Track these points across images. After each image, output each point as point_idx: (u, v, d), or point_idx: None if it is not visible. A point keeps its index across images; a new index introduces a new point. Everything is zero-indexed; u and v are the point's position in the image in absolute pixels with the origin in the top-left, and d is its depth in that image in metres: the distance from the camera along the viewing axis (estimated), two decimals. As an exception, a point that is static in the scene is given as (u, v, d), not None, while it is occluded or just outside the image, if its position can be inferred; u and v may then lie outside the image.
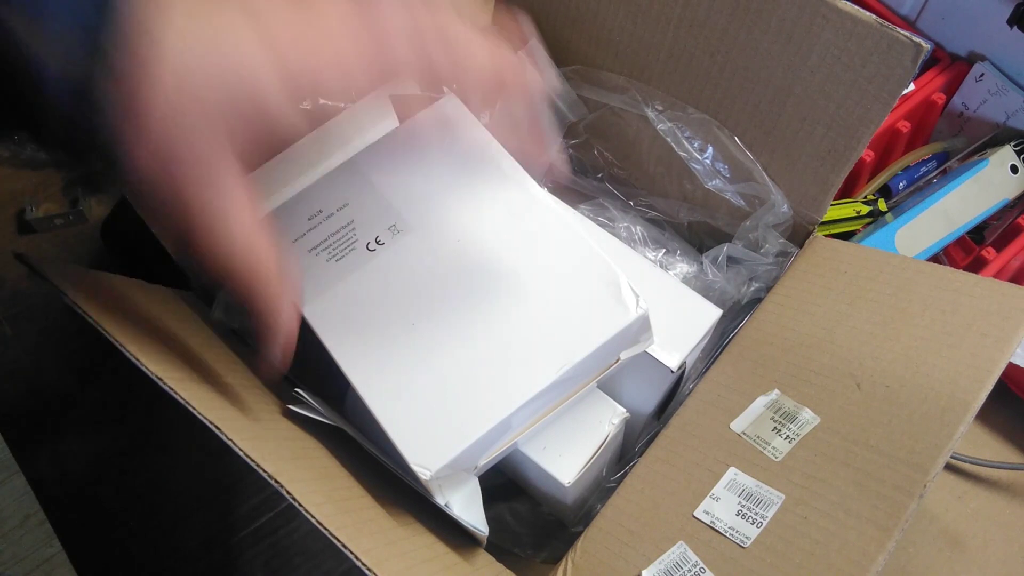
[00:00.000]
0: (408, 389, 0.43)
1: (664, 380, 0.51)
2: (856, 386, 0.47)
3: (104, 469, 0.68)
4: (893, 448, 0.44)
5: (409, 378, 0.43)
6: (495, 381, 0.43)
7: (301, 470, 0.42)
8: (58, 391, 0.71)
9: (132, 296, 0.50)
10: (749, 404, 0.50)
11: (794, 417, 0.48)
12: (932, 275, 0.50)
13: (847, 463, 0.44)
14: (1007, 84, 0.71)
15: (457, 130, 0.48)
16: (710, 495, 0.47)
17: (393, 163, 0.49)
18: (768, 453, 0.47)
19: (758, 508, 0.45)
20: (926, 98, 0.73)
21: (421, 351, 0.44)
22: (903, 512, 0.41)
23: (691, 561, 0.44)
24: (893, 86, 0.49)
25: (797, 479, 0.45)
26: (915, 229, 0.69)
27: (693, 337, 0.50)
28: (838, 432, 0.46)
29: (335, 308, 0.45)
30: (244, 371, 0.52)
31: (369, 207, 0.47)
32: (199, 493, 0.67)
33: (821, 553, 0.42)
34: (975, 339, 0.46)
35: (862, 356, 0.49)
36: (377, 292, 0.45)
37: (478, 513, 0.47)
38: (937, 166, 0.75)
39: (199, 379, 0.45)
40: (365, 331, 0.45)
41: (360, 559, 0.36)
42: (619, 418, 0.49)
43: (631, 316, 0.44)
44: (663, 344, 0.49)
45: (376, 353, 0.44)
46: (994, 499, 0.58)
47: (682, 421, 0.52)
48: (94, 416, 0.70)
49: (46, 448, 0.69)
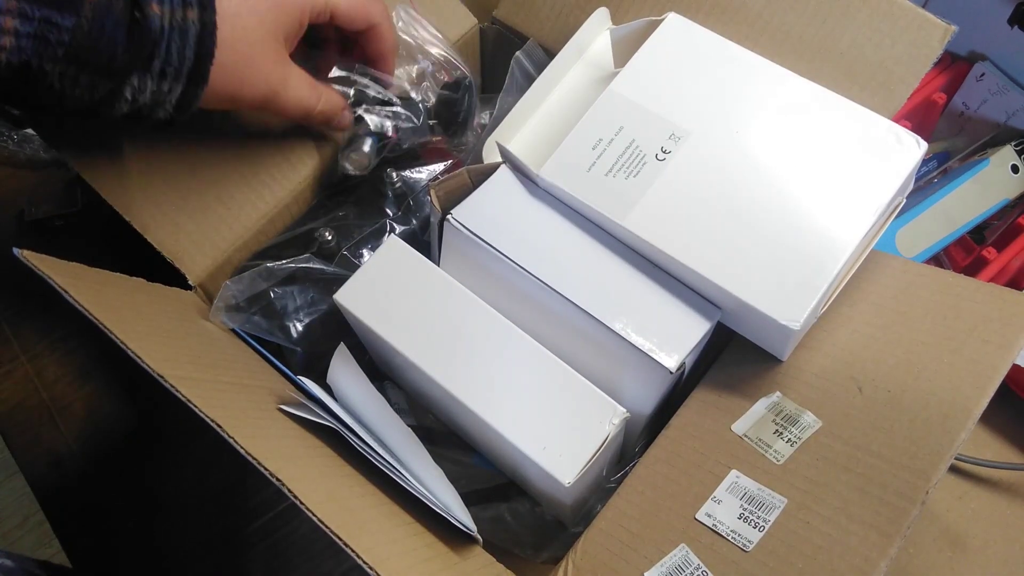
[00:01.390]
0: (749, 259, 0.48)
1: (663, 381, 0.50)
2: (858, 390, 0.47)
3: (104, 469, 0.68)
4: (895, 454, 0.44)
5: (744, 251, 0.49)
6: (821, 235, 0.48)
7: (302, 468, 0.42)
8: (58, 391, 0.71)
9: (132, 295, 0.50)
10: (750, 406, 0.50)
11: (796, 420, 0.48)
12: (933, 279, 0.50)
13: (849, 468, 0.44)
14: (1008, 83, 0.71)
15: (693, 40, 0.55)
16: (712, 497, 0.47)
17: (649, 82, 0.54)
18: (770, 456, 0.47)
19: (760, 512, 0.45)
20: (927, 98, 0.73)
21: (744, 227, 0.49)
22: (905, 518, 0.41)
23: (693, 564, 0.44)
24: (919, 67, 0.52)
25: (799, 483, 0.45)
26: (916, 229, 0.68)
27: (693, 338, 0.50)
28: (840, 436, 0.46)
29: (652, 215, 0.50)
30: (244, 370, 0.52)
31: (644, 125, 0.53)
32: (199, 493, 0.67)
33: (823, 558, 0.42)
34: (976, 345, 0.46)
35: (863, 360, 0.49)
36: (683, 190, 0.51)
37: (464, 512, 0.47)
38: (938, 166, 0.75)
39: (200, 377, 0.45)
40: (688, 225, 0.50)
41: (362, 557, 0.36)
42: (619, 418, 0.49)
43: (919, 153, 0.49)
44: (662, 344, 0.49)
45: (708, 238, 0.49)
46: (995, 499, 0.58)
47: (683, 422, 0.52)
48: (94, 416, 0.70)
49: (46, 448, 0.69)
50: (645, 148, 0.52)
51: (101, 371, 0.72)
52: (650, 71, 0.54)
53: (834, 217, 0.48)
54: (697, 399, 0.53)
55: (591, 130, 0.53)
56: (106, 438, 0.69)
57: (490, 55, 0.72)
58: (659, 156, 0.52)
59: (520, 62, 0.64)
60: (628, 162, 0.52)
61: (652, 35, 0.56)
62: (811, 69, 0.54)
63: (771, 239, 0.49)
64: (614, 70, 0.59)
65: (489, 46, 0.71)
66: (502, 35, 0.68)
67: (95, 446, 0.69)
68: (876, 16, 0.53)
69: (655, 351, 0.49)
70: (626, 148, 0.52)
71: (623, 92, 0.54)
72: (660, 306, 0.50)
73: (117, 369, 0.72)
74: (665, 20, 0.56)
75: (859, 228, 0.48)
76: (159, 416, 0.70)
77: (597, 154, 0.53)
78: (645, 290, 0.51)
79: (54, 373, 0.72)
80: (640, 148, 0.52)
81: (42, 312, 0.74)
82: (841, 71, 0.54)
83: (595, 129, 0.53)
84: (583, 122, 0.54)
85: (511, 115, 0.59)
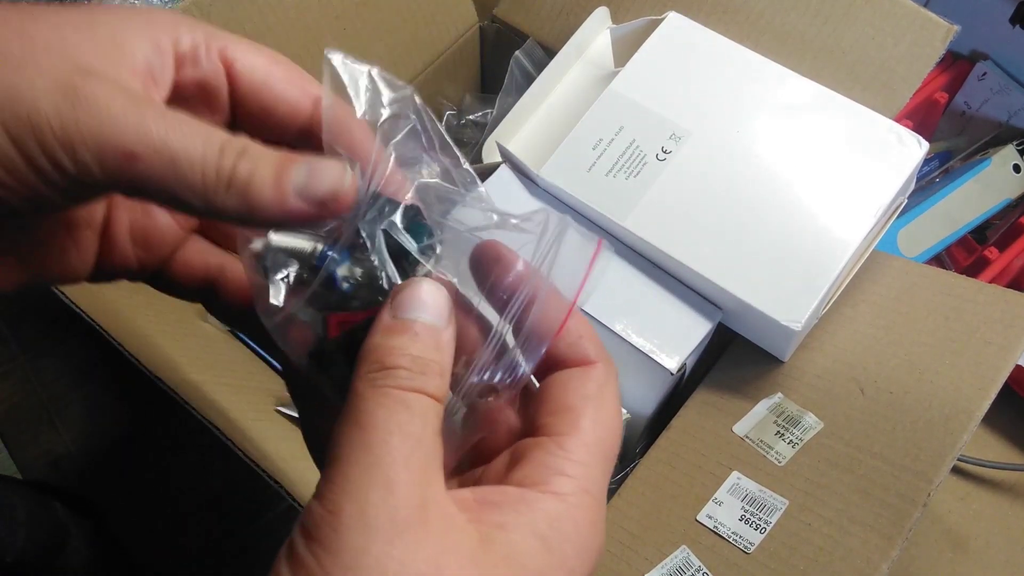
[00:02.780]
0: (750, 259, 0.48)
1: (664, 382, 0.50)
2: (859, 391, 0.47)
3: (102, 470, 0.68)
4: (897, 456, 0.43)
5: (745, 252, 0.48)
6: (822, 236, 0.48)
7: (300, 471, 0.42)
8: (57, 391, 0.71)
9: (131, 296, 0.50)
10: (752, 407, 0.50)
11: (797, 421, 0.47)
12: (935, 280, 0.50)
13: (851, 470, 0.44)
14: (1009, 83, 0.71)
15: (693, 40, 0.55)
16: (713, 499, 0.46)
17: (649, 81, 0.54)
18: (771, 458, 0.47)
19: (761, 513, 0.45)
20: (928, 97, 0.72)
21: (745, 227, 0.49)
22: (907, 520, 0.41)
23: (694, 566, 0.44)
24: (921, 66, 0.52)
25: (801, 485, 0.45)
26: (917, 228, 0.68)
27: (693, 339, 0.50)
28: (841, 438, 0.46)
29: (653, 215, 0.50)
30: (243, 372, 0.51)
31: (644, 124, 0.52)
32: (199, 494, 0.67)
33: (825, 560, 0.42)
34: (978, 346, 0.46)
35: (865, 361, 0.48)
36: (684, 190, 0.51)
37: None
38: (939, 165, 0.75)
39: (198, 379, 0.45)
40: (688, 225, 0.50)
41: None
42: (620, 420, 0.49)
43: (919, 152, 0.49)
44: (662, 346, 0.49)
45: (709, 239, 0.49)
46: (997, 500, 0.58)
47: (684, 423, 0.52)
48: (94, 416, 0.70)
49: (44, 448, 0.69)
50: (646, 148, 0.52)
51: (99, 372, 0.72)
52: (650, 70, 0.54)
53: (835, 217, 0.48)
54: (698, 400, 0.52)
55: (591, 130, 0.53)
56: (104, 439, 0.69)
57: (490, 54, 0.71)
58: (660, 156, 0.52)
59: (520, 61, 0.64)
60: (628, 162, 0.52)
61: (652, 34, 0.55)
62: (813, 69, 0.54)
63: (772, 239, 0.48)
64: (614, 69, 0.59)
65: (489, 45, 0.71)
66: (502, 34, 0.68)
67: (93, 446, 0.69)
68: (878, 16, 0.53)
69: (656, 352, 0.49)
70: (626, 148, 0.52)
71: (623, 92, 0.54)
72: (661, 307, 0.50)
73: (115, 370, 0.72)
74: (665, 19, 0.56)
75: (860, 228, 0.48)
76: (158, 416, 0.69)
77: (597, 154, 0.52)
78: (646, 291, 0.51)
79: (53, 373, 0.72)
80: (640, 148, 0.52)
81: (41, 312, 0.74)
82: (843, 70, 0.54)
83: (595, 129, 0.53)
84: (583, 122, 0.54)
85: (511, 115, 0.59)
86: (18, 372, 0.71)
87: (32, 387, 0.71)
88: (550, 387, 0.26)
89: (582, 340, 0.26)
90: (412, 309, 0.24)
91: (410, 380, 0.23)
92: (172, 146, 0.22)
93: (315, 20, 0.57)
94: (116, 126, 0.22)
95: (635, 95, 0.54)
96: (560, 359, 0.26)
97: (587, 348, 0.26)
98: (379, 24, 0.61)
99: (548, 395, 0.26)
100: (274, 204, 0.23)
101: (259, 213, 0.23)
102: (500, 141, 0.55)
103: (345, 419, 0.23)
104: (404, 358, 0.23)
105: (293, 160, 0.23)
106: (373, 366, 0.23)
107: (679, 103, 0.53)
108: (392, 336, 0.24)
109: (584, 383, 0.26)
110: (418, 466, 0.22)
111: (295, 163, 0.23)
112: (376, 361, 0.23)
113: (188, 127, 0.23)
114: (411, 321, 0.24)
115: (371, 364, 0.23)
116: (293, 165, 0.23)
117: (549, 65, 0.59)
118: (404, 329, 0.24)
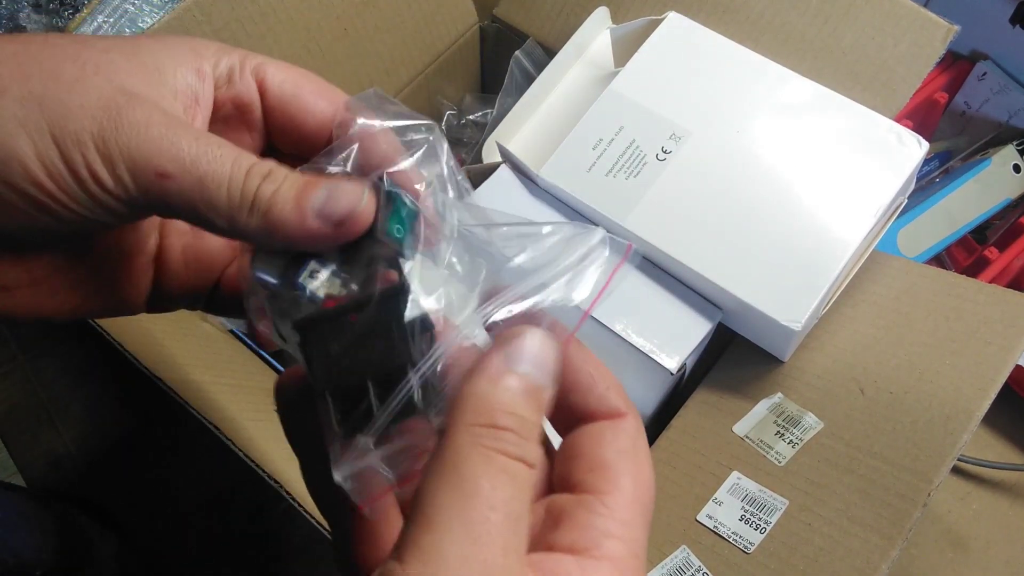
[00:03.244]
0: (750, 259, 0.48)
1: (664, 382, 0.50)
2: (860, 391, 0.47)
3: (102, 470, 0.68)
4: (897, 456, 0.43)
5: (745, 252, 0.48)
6: (822, 236, 0.48)
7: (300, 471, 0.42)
8: (57, 391, 0.71)
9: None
10: (752, 407, 0.50)
11: (797, 421, 0.47)
12: (935, 280, 0.50)
13: (851, 470, 0.44)
14: (1009, 83, 0.71)
15: (693, 39, 0.55)
16: (713, 499, 0.46)
17: (649, 81, 0.54)
18: (771, 458, 0.47)
19: (761, 513, 0.45)
20: (928, 97, 0.72)
21: (745, 227, 0.49)
22: (907, 520, 0.41)
23: (694, 566, 0.44)
24: (921, 66, 0.52)
25: (801, 485, 0.45)
26: (917, 228, 0.68)
27: (693, 339, 0.50)
28: (842, 438, 0.46)
29: (653, 215, 0.50)
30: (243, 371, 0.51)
31: (644, 124, 0.53)
32: (199, 494, 0.67)
33: (825, 560, 0.42)
34: (978, 346, 0.46)
35: (865, 361, 0.48)
36: (684, 190, 0.51)
37: None
38: (939, 165, 0.75)
39: (198, 379, 0.45)
40: (688, 225, 0.50)
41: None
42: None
43: (919, 152, 0.49)
44: (662, 345, 0.49)
45: (709, 239, 0.49)
46: (997, 500, 0.58)
47: (684, 423, 0.52)
48: (94, 416, 0.70)
49: (44, 449, 0.68)
50: (645, 148, 0.52)
51: (99, 372, 0.72)
52: (651, 71, 0.54)
53: (835, 217, 0.48)
54: (698, 400, 0.52)
55: (591, 130, 0.53)
56: (104, 439, 0.69)
57: (490, 54, 0.71)
58: (660, 156, 0.52)
59: (520, 61, 0.64)
60: (628, 162, 0.52)
61: (652, 34, 0.55)
62: (813, 69, 0.54)
63: (772, 239, 0.48)
64: (614, 69, 0.59)
65: (489, 45, 0.71)
66: (502, 34, 0.68)
67: (93, 446, 0.69)
68: (878, 16, 0.53)
69: (656, 352, 0.49)
70: (626, 148, 0.52)
71: (623, 92, 0.54)
72: (661, 307, 0.50)
73: (115, 370, 0.72)
74: (666, 19, 0.56)
75: (860, 228, 0.48)
76: (157, 417, 0.69)
77: (597, 154, 0.52)
78: (645, 291, 0.51)
79: (53, 373, 0.72)
80: (640, 148, 0.52)
81: (41, 312, 0.74)
82: (843, 70, 0.54)
83: (595, 129, 0.53)
84: (583, 122, 0.54)
85: (511, 115, 0.59)
86: (18, 372, 0.71)
87: (32, 387, 0.71)
88: (582, 441, 0.25)
89: (610, 392, 0.26)
90: (526, 362, 0.23)
91: (517, 448, 0.22)
92: (201, 167, 0.23)
93: (315, 20, 0.57)
94: (152, 145, 0.23)
95: (635, 95, 0.54)
96: (590, 412, 0.26)
97: (616, 400, 0.26)
98: (379, 24, 0.61)
99: (581, 450, 0.25)
100: (294, 224, 0.24)
101: (279, 232, 0.24)
102: (500, 141, 0.55)
103: (441, 474, 0.21)
104: (512, 418, 0.22)
105: (315, 183, 0.24)
106: (480, 419, 0.22)
107: (679, 103, 0.53)
108: (501, 388, 0.22)
109: (617, 436, 0.25)
110: (515, 552, 0.21)
111: (316, 186, 0.24)
112: (484, 414, 0.22)
113: (219, 150, 0.24)
114: (523, 375, 0.23)
115: (476, 416, 0.22)
116: (314, 187, 0.24)
117: (549, 65, 0.59)
118: (515, 384, 0.22)
